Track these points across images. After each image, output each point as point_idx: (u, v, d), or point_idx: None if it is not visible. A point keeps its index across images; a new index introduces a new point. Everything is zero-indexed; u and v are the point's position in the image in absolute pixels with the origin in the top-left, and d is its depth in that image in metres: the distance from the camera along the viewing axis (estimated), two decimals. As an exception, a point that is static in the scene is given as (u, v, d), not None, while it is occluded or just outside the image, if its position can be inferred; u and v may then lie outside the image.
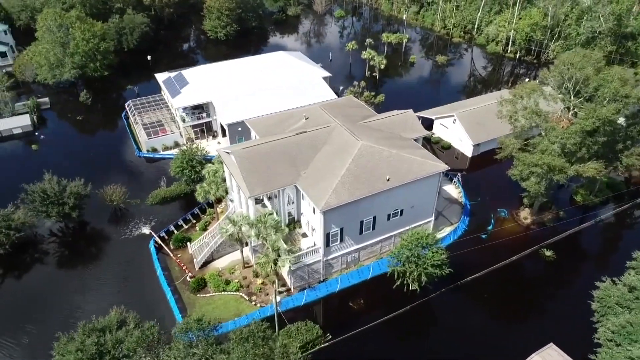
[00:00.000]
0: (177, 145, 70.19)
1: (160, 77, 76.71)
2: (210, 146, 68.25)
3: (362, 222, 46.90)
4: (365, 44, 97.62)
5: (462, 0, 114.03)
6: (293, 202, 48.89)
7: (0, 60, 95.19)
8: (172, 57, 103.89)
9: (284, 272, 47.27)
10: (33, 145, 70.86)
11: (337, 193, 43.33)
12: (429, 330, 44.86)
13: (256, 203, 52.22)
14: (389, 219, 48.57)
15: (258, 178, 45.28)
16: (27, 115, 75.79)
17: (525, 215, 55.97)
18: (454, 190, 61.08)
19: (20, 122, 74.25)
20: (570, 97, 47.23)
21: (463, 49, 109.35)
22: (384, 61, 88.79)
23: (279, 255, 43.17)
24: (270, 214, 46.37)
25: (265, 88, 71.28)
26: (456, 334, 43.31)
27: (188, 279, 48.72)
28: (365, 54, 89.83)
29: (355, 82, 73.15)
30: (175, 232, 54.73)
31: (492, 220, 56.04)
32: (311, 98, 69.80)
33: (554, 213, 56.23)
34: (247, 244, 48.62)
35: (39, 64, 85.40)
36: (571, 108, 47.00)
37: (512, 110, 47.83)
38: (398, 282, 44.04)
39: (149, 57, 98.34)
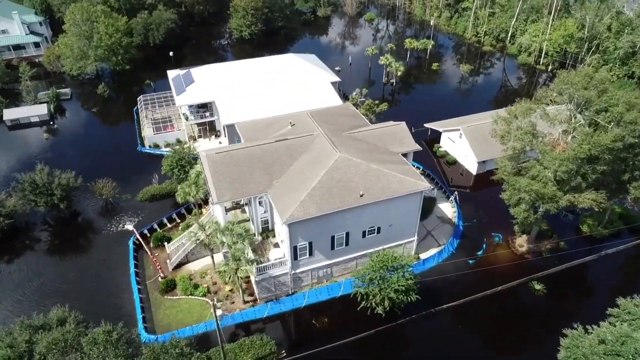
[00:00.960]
0: (179, 142, 70.75)
1: (171, 74, 77.58)
2: (211, 145, 68.35)
3: (333, 238, 44.97)
4: (386, 49, 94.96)
5: (498, 7, 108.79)
6: (267, 211, 47.69)
7: (34, 50, 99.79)
8: (196, 54, 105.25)
9: (253, 281, 46.23)
10: (45, 134, 73.57)
11: (304, 206, 41.67)
12: (388, 359, 42.27)
13: (235, 208, 51.70)
14: (364, 236, 46.35)
15: (229, 184, 44.38)
16: (45, 104, 78.78)
17: (521, 242, 52.00)
18: (449, 208, 57.76)
19: (38, 111, 77.31)
20: (571, 120, 43.15)
21: (493, 58, 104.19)
22: (402, 68, 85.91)
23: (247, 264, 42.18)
24: (243, 220, 45.43)
25: (269, 90, 70.42)
26: (418, 366, 40.74)
27: (159, 279, 48.60)
28: (382, 60, 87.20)
29: (357, 89, 70.75)
30: (158, 230, 54.89)
31: (484, 245, 52.47)
32: (315, 103, 68.17)
33: (554, 242, 51.91)
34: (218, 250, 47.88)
35: (65, 56, 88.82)
36: (571, 131, 42.90)
37: (505, 130, 44.29)
38: (362, 304, 41.84)
39: (171, 53, 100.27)
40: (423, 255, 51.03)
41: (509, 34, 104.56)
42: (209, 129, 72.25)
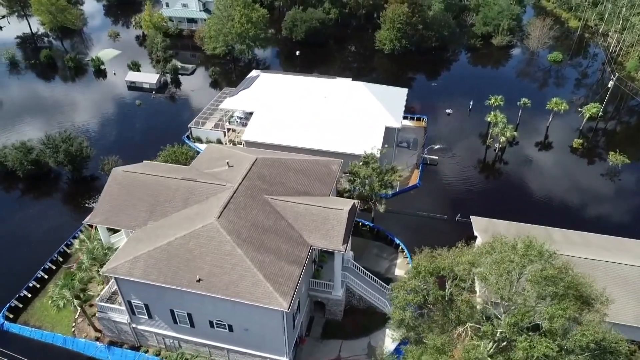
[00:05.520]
0: (218, 142, 70.02)
1: (251, 74, 76.42)
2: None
3: (173, 312, 37.52)
4: (520, 103, 73.20)
5: None
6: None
7: (202, 25, 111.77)
8: (323, 58, 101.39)
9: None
10: (137, 101, 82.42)
11: (134, 264, 35.60)
12: None
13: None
14: (212, 326, 37.30)
15: (110, 207, 41.25)
16: (157, 75, 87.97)
17: None
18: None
19: (150, 79, 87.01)
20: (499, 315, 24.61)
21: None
22: (508, 133, 64.94)
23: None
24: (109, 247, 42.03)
25: (308, 118, 62.79)
26: None
27: (72, 269, 49.46)
28: (490, 117, 67.68)
29: (376, 147, 54.30)
30: (120, 221, 55.71)
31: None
32: (344, 147, 58.23)
33: None
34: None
35: (205, 36, 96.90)
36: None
37: (397, 288, 28.35)
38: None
39: (297, 53, 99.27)
40: (299, 385, 38.54)
41: None
42: (248, 138, 69.12)
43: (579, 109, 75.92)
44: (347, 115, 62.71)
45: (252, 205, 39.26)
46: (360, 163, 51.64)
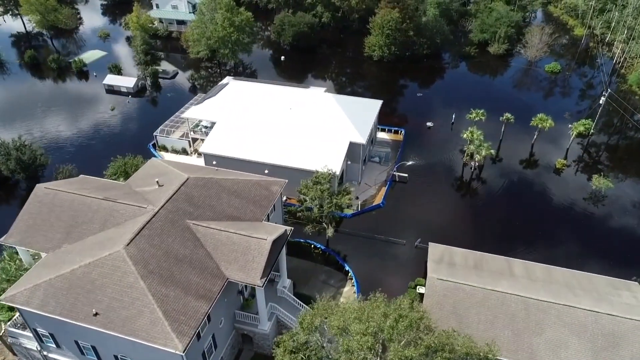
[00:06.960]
0: (184, 151, 67.79)
1: (224, 81, 73.94)
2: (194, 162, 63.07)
3: (78, 343, 35.20)
4: (502, 118, 68.90)
5: None
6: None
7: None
8: (308, 63, 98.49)
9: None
10: (110, 106, 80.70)
11: (34, 292, 33.41)
12: None
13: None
14: (117, 360, 34.92)
15: (27, 226, 39.19)
16: (135, 79, 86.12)
17: None
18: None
19: (127, 83, 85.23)
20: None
21: (692, 181, 64.26)
22: (484, 151, 60.92)
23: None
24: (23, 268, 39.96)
25: (270, 129, 60.04)
26: None
27: (5, 284, 47.69)
28: (466, 133, 63.70)
29: (327, 165, 49.72)
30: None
31: None
32: (302, 163, 55.22)
33: None
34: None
35: (190, 39, 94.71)
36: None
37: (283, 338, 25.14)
38: None
39: (282, 58, 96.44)
40: None
41: None
42: (213, 149, 66.57)
43: (570, 126, 71.20)
44: (311, 129, 59.69)
45: (169, 232, 36.61)
46: (311, 182, 48.54)
